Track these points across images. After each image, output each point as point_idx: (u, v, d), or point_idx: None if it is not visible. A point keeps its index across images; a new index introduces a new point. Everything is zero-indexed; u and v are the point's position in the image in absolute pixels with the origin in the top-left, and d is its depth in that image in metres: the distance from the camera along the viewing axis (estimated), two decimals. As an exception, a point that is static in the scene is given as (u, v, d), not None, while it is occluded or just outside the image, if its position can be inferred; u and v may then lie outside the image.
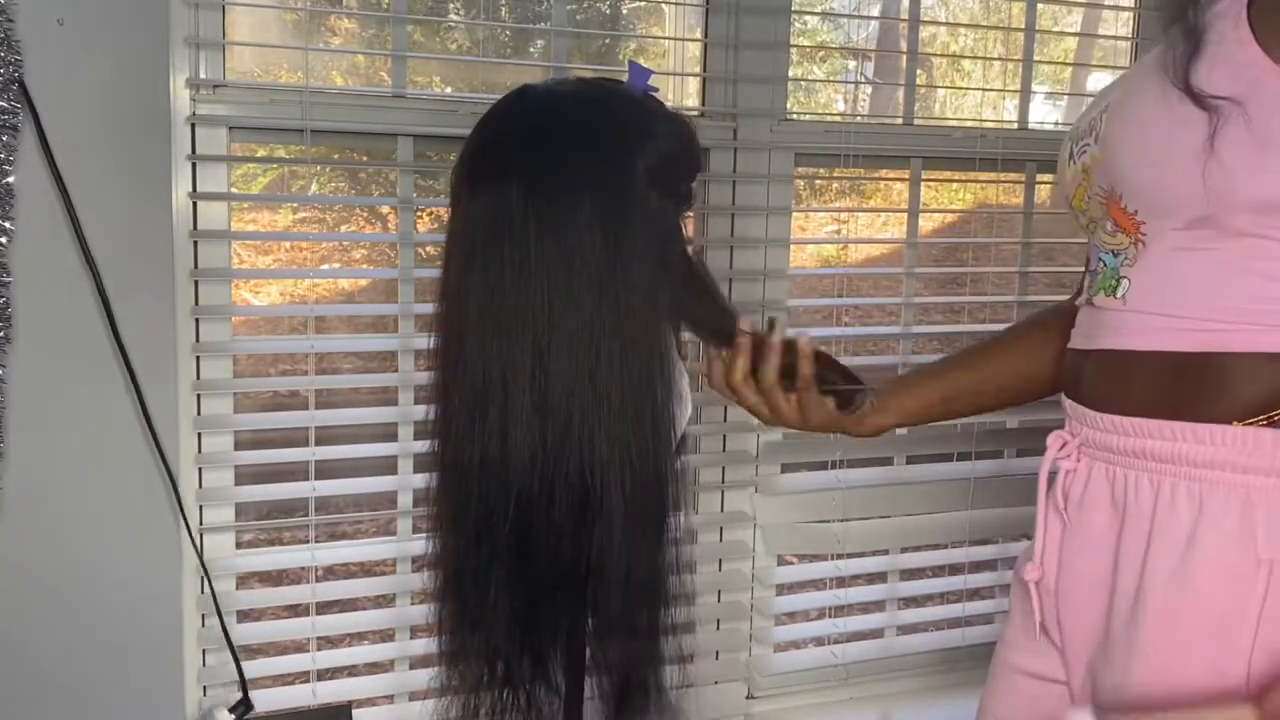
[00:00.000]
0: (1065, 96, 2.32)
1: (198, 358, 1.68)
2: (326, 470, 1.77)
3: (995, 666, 1.29)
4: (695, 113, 1.95)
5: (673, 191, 1.19)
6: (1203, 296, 0.98)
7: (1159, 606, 1.00)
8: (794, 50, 1.99)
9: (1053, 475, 1.16)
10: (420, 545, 1.32)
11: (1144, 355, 1.03)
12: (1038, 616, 1.16)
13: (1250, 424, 0.97)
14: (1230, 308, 0.98)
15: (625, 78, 1.21)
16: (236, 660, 1.70)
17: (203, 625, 1.70)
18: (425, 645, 1.26)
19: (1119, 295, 1.05)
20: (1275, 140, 0.92)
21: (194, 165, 1.64)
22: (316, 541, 1.79)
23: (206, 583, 1.70)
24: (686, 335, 1.27)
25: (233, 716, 1.70)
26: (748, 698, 2.10)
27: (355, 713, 1.77)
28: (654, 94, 1.21)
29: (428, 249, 1.77)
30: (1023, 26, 2.14)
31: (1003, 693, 1.27)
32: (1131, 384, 1.04)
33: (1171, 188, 0.98)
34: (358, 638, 1.89)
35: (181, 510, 1.64)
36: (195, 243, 1.65)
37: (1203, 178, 0.94)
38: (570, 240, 1.10)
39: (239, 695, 1.70)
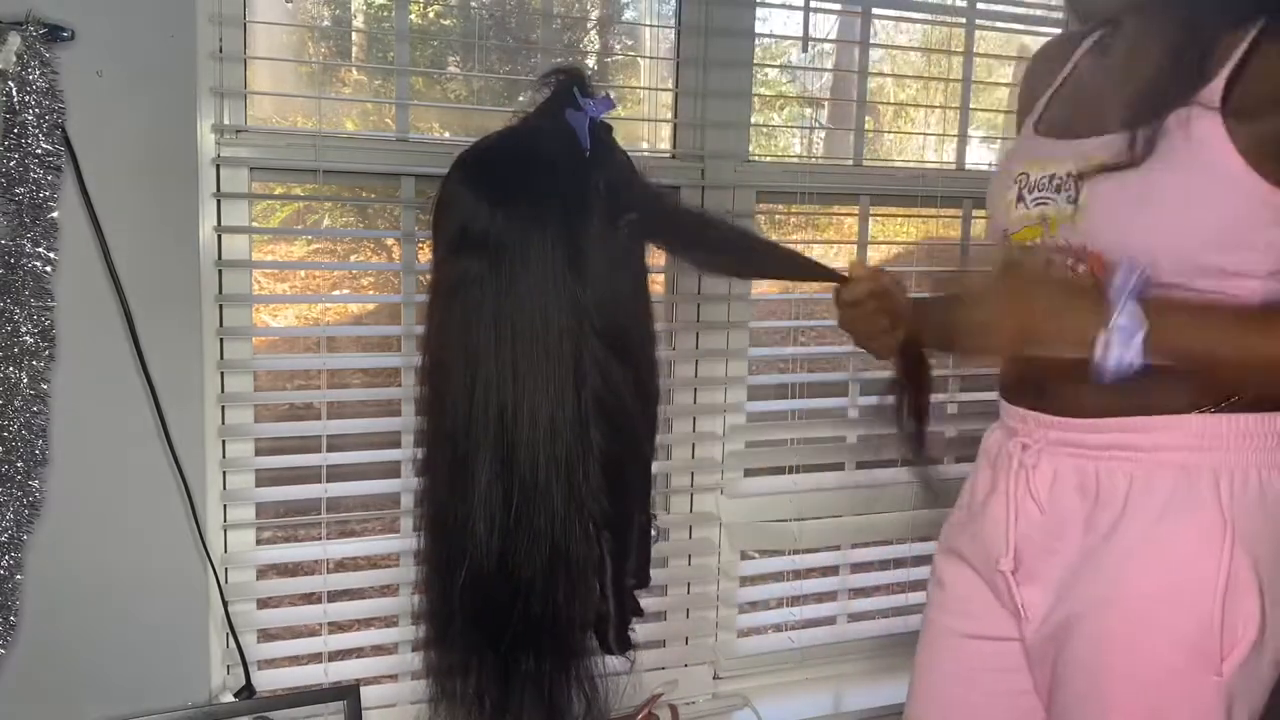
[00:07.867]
0: (999, 140, 2.34)
1: (222, 374, 1.68)
2: (337, 474, 1.78)
3: (932, 632, 1.30)
4: (668, 155, 1.97)
5: None
6: None
7: (1140, 563, 1.05)
8: (755, 99, 2.01)
9: None
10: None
11: None
12: (1018, 598, 1.17)
13: (1206, 412, 1.03)
14: None
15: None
16: (239, 645, 1.69)
17: (225, 613, 1.69)
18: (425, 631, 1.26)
19: None
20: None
21: (219, 202, 1.64)
22: (328, 538, 1.80)
23: (224, 574, 1.70)
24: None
25: (241, 697, 1.70)
26: (714, 678, 2.10)
27: (362, 690, 1.76)
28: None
29: (428, 276, 1.78)
30: (960, 78, 2.17)
31: (942, 653, 1.28)
32: (1101, 386, 1.02)
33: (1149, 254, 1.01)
34: (365, 623, 1.89)
35: (194, 511, 1.64)
36: (220, 271, 1.65)
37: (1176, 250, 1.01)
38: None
39: (244, 680, 1.70)
